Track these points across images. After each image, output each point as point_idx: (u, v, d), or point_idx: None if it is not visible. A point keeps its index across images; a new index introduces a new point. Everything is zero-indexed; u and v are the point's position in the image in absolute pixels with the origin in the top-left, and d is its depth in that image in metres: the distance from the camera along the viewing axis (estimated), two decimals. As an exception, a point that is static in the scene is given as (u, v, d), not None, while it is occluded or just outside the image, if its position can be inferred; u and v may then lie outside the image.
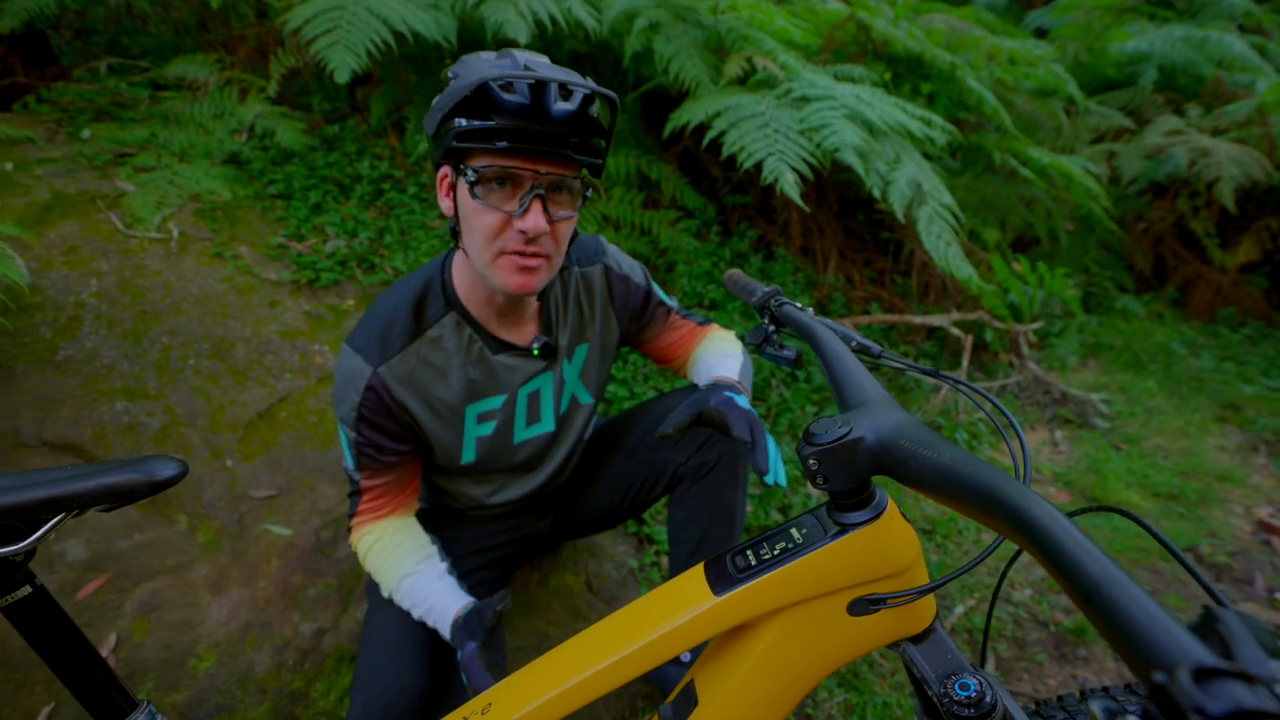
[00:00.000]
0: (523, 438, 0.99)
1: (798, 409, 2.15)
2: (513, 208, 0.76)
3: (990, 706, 0.46)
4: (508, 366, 0.94)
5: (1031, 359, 2.67)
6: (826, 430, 0.47)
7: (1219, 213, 3.17)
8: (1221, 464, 2.19)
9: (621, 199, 2.50)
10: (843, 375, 0.57)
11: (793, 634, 0.51)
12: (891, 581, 0.50)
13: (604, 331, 1.03)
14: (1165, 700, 0.19)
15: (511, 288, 0.81)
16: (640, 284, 1.05)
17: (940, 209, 2.23)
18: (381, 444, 0.90)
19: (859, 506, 0.50)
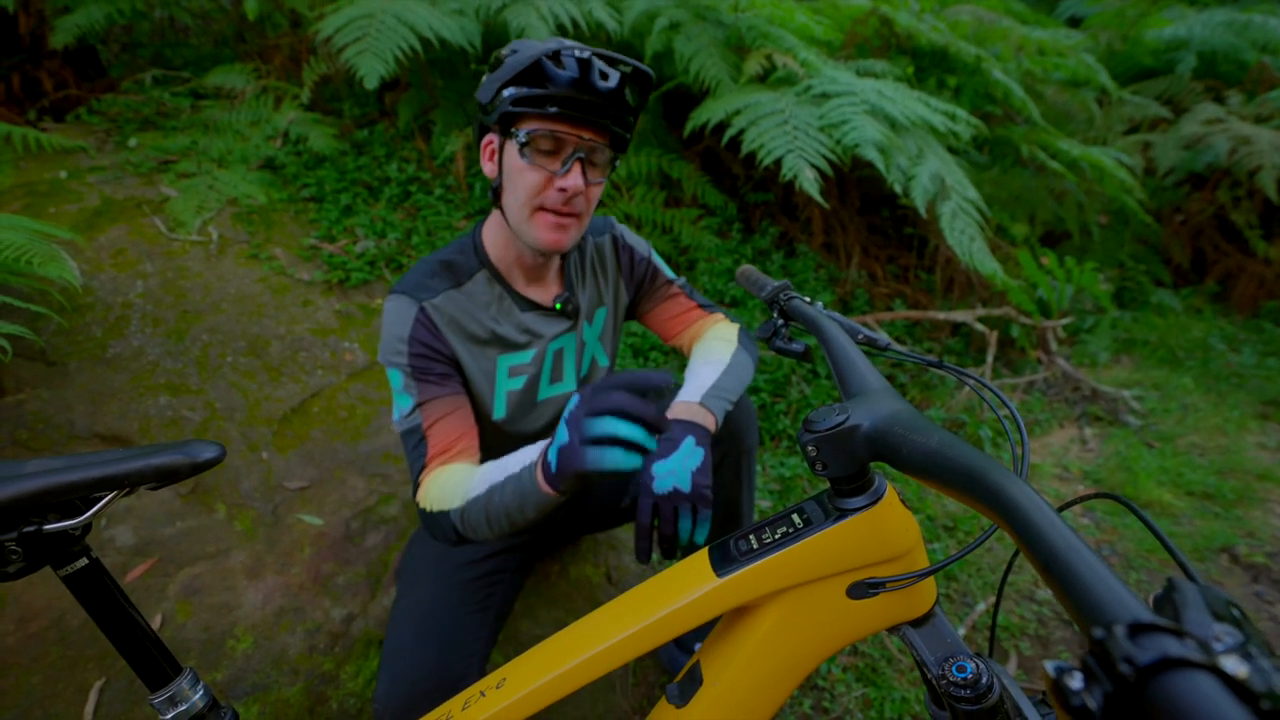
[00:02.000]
0: (546, 395, 1.03)
1: (818, 404, 2.15)
2: (556, 167, 0.84)
3: (987, 688, 0.47)
4: (535, 323, 0.99)
5: (1060, 355, 2.62)
6: (824, 418, 0.49)
7: (1262, 203, 3.06)
8: (1261, 462, 2.12)
9: (643, 198, 2.52)
10: (845, 365, 0.58)
11: (794, 616, 0.52)
12: (891, 566, 0.51)
13: (616, 297, 1.09)
14: (1101, 653, 0.21)
15: (545, 243, 0.88)
16: (643, 255, 1.10)
17: (964, 204, 2.20)
18: (434, 368, 0.91)
19: (858, 492, 0.51)
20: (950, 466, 0.36)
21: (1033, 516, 0.28)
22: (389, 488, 1.53)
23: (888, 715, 1.28)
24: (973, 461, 0.35)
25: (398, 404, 0.91)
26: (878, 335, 0.70)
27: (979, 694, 0.47)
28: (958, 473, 0.35)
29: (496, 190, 0.91)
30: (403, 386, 0.90)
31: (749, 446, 1.11)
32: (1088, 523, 1.85)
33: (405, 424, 0.89)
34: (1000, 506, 0.31)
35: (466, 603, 1.01)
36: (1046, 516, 0.28)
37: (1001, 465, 0.34)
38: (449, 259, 0.97)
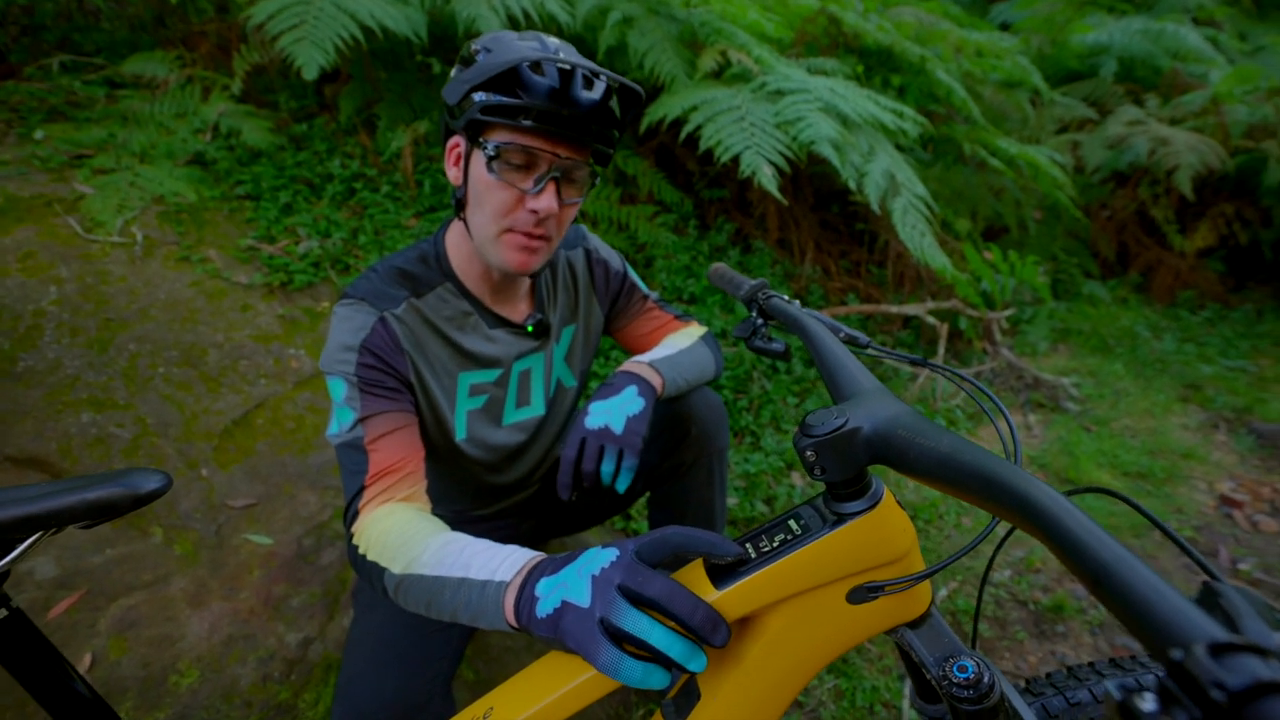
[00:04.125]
0: (512, 419, 0.98)
1: (779, 400, 2.17)
2: (528, 186, 0.78)
3: (989, 687, 0.47)
4: (503, 342, 0.94)
5: (1004, 345, 2.73)
6: (823, 422, 0.48)
7: (1178, 200, 3.27)
8: (1185, 442, 2.26)
9: (598, 194, 2.49)
10: (835, 366, 0.57)
11: (794, 624, 0.51)
12: (889, 569, 0.51)
13: (588, 315, 1.05)
14: (1183, 676, 0.20)
15: (512, 265, 0.82)
16: (618, 269, 1.06)
17: (914, 200, 2.26)
18: (385, 381, 0.83)
19: (856, 496, 0.51)
20: (967, 472, 0.36)
21: (1073, 529, 0.27)
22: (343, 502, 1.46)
23: (859, 704, 1.31)
24: (995, 469, 0.34)
25: (337, 416, 0.81)
26: (858, 334, 0.70)
27: (981, 694, 0.47)
28: (977, 479, 0.35)
29: (460, 200, 0.84)
30: (344, 398, 0.81)
31: (721, 447, 1.10)
32: (1035, 506, 1.94)
33: (345, 437, 0.80)
34: (1032, 516, 0.30)
35: (429, 622, 0.96)
36: (1088, 529, 0.27)
37: (1022, 470, 0.33)
38: (407, 269, 0.90)
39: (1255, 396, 2.54)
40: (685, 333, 1.09)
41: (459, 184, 0.83)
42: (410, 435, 0.84)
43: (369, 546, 0.80)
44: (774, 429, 2.08)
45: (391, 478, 0.80)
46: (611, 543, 0.54)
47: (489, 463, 1.01)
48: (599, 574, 0.49)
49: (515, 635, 1.29)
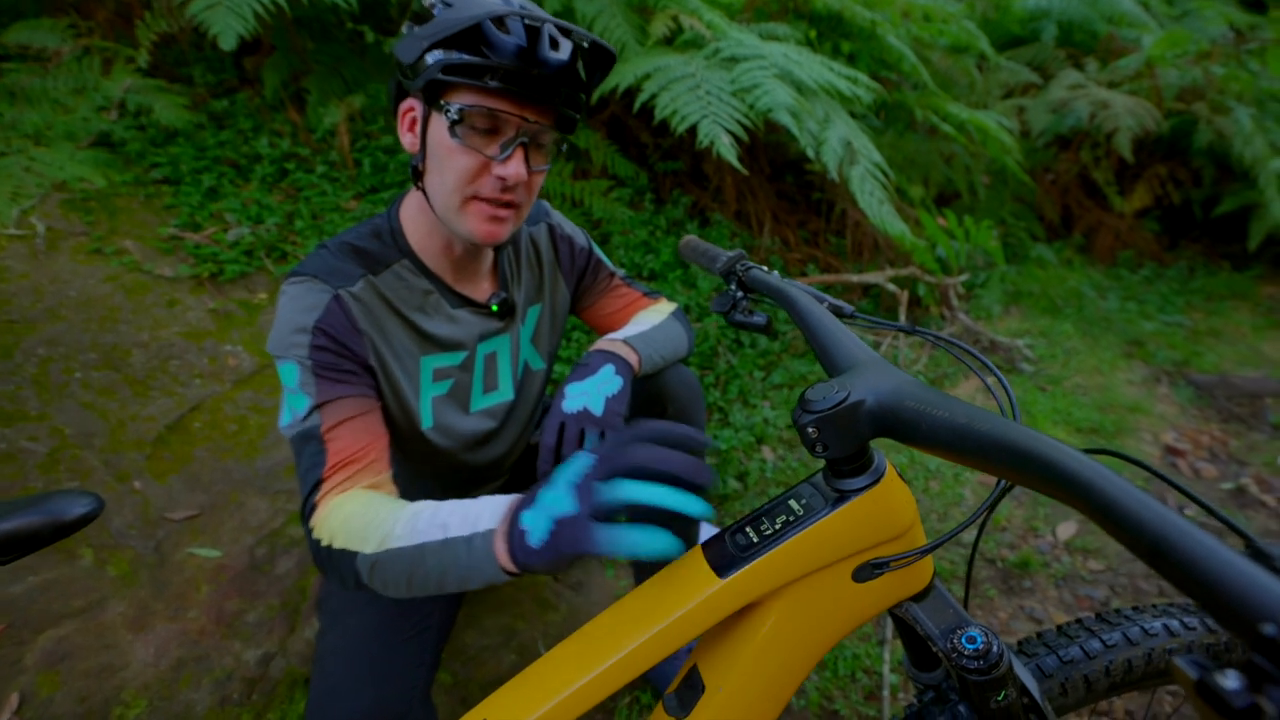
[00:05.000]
0: (480, 405, 0.95)
1: (745, 375, 2.18)
2: (494, 152, 0.74)
3: (998, 657, 0.47)
4: (467, 322, 0.90)
5: (961, 310, 2.81)
6: (824, 396, 0.46)
7: (1117, 162, 3.41)
8: (1131, 396, 2.39)
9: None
10: (826, 338, 0.56)
11: (799, 607, 0.50)
12: (894, 544, 0.51)
13: (554, 295, 1.02)
14: (1276, 652, 0.19)
15: (479, 236, 0.79)
16: (583, 246, 1.04)
17: (871, 167, 2.28)
18: (342, 364, 0.78)
19: (858, 472, 0.50)
20: (993, 444, 0.35)
21: (1123, 501, 0.27)
22: (297, 505, 1.39)
23: (841, 673, 1.33)
24: (1023, 439, 0.33)
25: (289, 404, 0.76)
26: (841, 303, 0.69)
27: (991, 664, 0.47)
28: (1004, 451, 0.34)
29: (417, 168, 0.79)
30: (298, 384, 0.75)
31: (698, 424, 1.10)
32: (997, 467, 2.01)
33: (299, 427, 0.75)
34: (1075, 490, 0.29)
35: (402, 628, 0.92)
36: (1139, 499, 0.26)
37: (1053, 439, 0.32)
38: (360, 245, 0.84)
39: (1191, 350, 2.69)
40: (655, 309, 1.07)
41: (415, 151, 0.78)
42: (372, 421, 0.79)
43: (333, 535, 0.74)
44: (742, 404, 2.09)
45: (353, 467, 0.75)
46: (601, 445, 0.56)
47: (458, 451, 0.98)
48: (579, 481, 0.50)
49: (490, 634, 1.27)
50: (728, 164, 2.57)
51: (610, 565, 1.47)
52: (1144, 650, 0.61)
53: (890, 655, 1.33)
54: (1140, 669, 0.60)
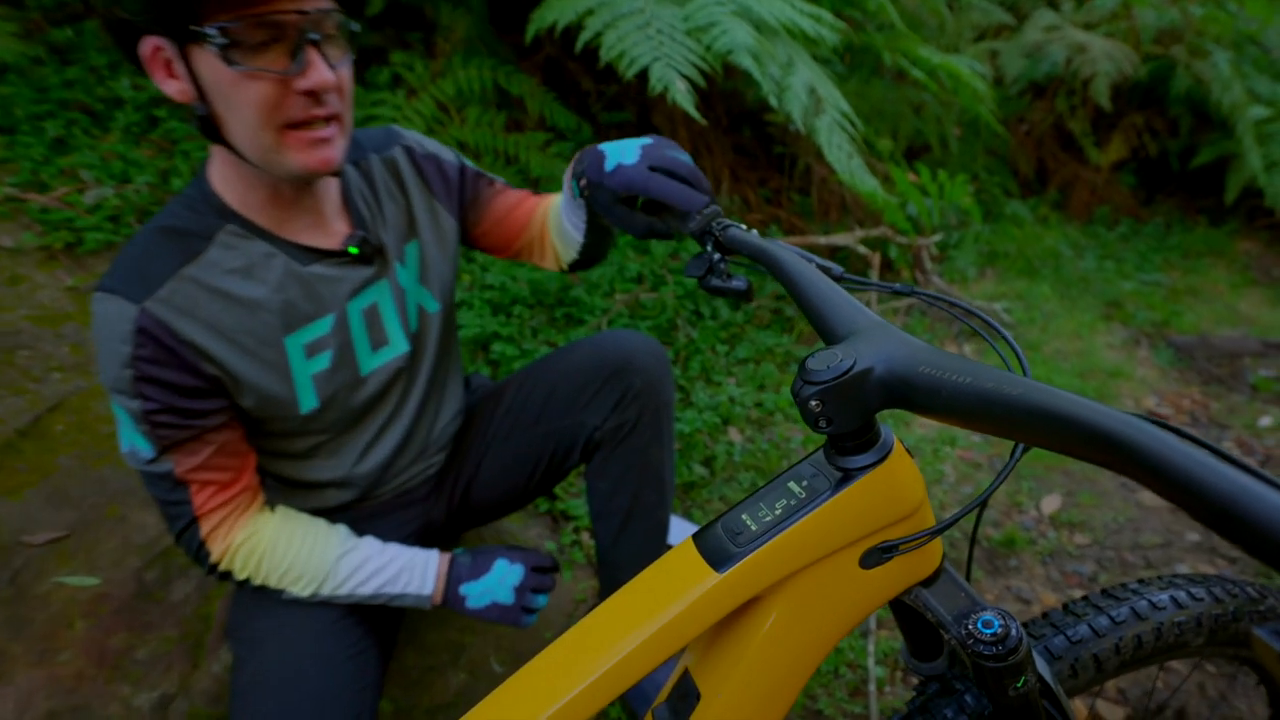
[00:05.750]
0: (372, 366, 0.92)
1: (708, 349, 2.20)
2: (285, 65, 0.69)
3: (1017, 641, 0.49)
4: (326, 278, 0.86)
5: (935, 273, 2.90)
6: (827, 365, 0.46)
7: (1094, 111, 3.56)
8: (1112, 360, 2.53)
9: (479, 121, 2.36)
10: (822, 303, 0.56)
11: (804, 600, 0.51)
12: (902, 525, 0.51)
13: (435, 225, 0.99)
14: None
15: (312, 166, 0.75)
16: (452, 161, 1.01)
17: (839, 117, 2.31)
18: (180, 405, 0.77)
19: (864, 448, 0.50)
20: (1026, 410, 0.35)
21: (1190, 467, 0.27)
22: (195, 518, 1.32)
23: (823, 669, 1.38)
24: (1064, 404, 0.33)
25: (128, 438, 0.78)
26: (830, 263, 0.70)
27: (1010, 649, 0.49)
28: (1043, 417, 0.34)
29: (206, 118, 0.72)
30: (134, 426, 0.77)
31: (666, 400, 1.10)
32: (978, 439, 2.10)
33: (145, 467, 0.79)
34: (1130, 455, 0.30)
35: (340, 648, 0.90)
36: (1209, 465, 0.27)
37: (1098, 404, 0.33)
38: (174, 225, 0.79)
39: (1170, 310, 2.86)
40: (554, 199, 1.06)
41: (192, 99, 0.71)
42: (234, 447, 0.84)
43: (251, 572, 0.87)
44: (705, 381, 2.11)
45: (228, 506, 0.83)
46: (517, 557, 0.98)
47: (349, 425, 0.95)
48: (519, 585, 0.96)
49: (435, 652, 1.24)
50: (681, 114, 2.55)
51: (568, 567, 1.47)
52: (1153, 625, 0.64)
53: (875, 648, 1.38)
54: (1150, 644, 0.64)
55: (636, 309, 2.20)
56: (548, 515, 1.58)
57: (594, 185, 0.80)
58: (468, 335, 1.86)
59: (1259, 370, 2.38)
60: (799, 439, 1.96)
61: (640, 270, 2.26)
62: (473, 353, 1.88)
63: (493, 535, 1.45)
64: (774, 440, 1.94)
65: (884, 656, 1.38)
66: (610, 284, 2.23)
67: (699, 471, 1.79)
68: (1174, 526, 1.75)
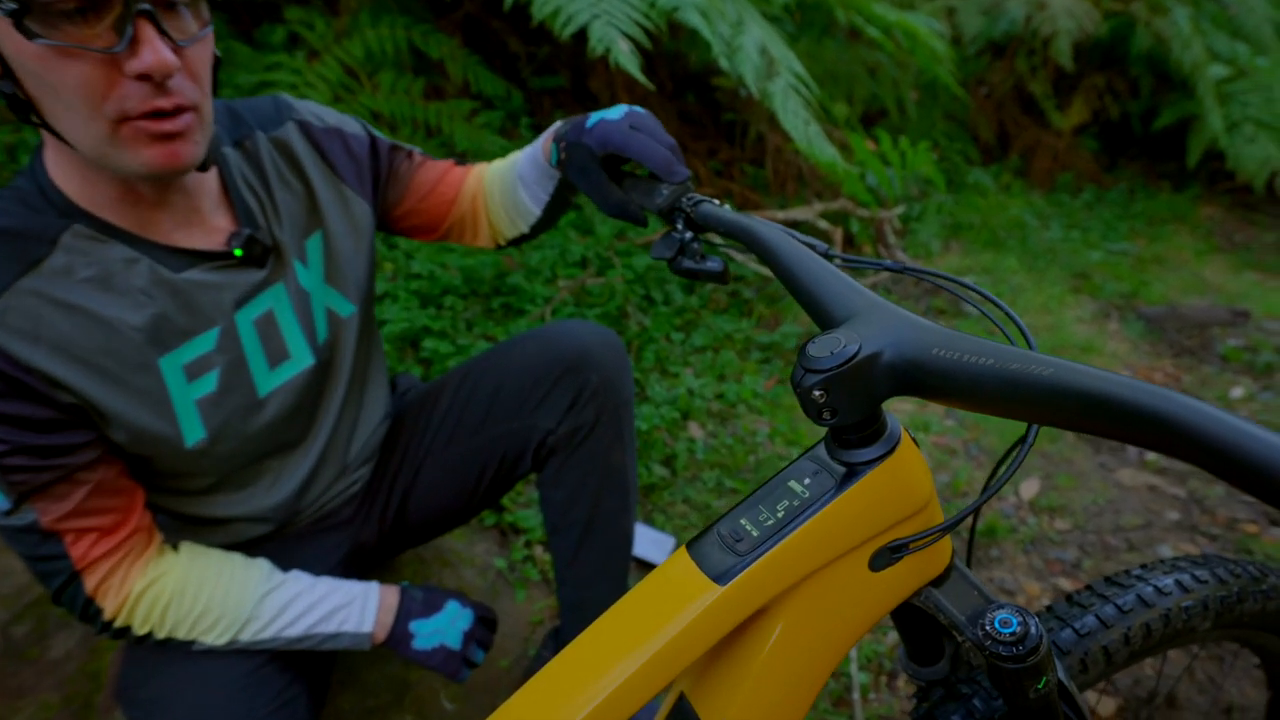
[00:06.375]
0: (272, 385, 0.86)
1: (662, 338, 2.20)
2: (111, 42, 0.61)
3: (1038, 639, 0.50)
4: (205, 285, 0.79)
5: (898, 247, 2.98)
6: (831, 351, 0.46)
7: (1054, 72, 3.72)
8: (1082, 335, 2.65)
9: (393, 87, 2.29)
10: (815, 283, 0.56)
11: (811, 609, 0.51)
12: (913, 521, 0.52)
13: (344, 213, 0.93)
14: None
15: (158, 166, 0.67)
16: (358, 134, 0.95)
17: (794, 81, 2.34)
18: (34, 443, 0.69)
19: (870, 440, 0.50)
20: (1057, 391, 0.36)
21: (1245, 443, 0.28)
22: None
23: (805, 681, 1.40)
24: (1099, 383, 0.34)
25: None
26: (813, 240, 0.70)
27: (1031, 648, 0.50)
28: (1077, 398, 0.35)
29: (17, 100, 0.64)
30: None
31: (627, 397, 1.10)
32: (952, 423, 2.17)
33: (4, 521, 0.71)
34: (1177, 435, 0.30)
35: (260, 702, 0.86)
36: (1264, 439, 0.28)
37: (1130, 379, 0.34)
38: (3, 225, 0.70)
39: (1138, 280, 3.02)
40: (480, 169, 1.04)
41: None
42: (113, 484, 0.77)
43: (156, 623, 0.82)
44: (660, 373, 2.11)
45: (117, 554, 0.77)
46: (468, 602, 0.99)
47: (271, 454, 0.91)
48: (467, 630, 0.97)
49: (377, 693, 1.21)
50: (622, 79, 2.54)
51: (521, 586, 1.45)
52: (1160, 611, 0.68)
53: (858, 653, 1.41)
54: (1159, 632, 0.67)
55: (582, 296, 2.19)
56: (495, 529, 1.56)
57: (572, 145, 0.79)
58: (393, 331, 1.81)
59: (1227, 340, 2.54)
60: (765, 431, 1.99)
61: (584, 253, 2.25)
62: (400, 350, 1.83)
63: (434, 556, 1.42)
64: (738, 434, 1.96)
65: (867, 661, 1.42)
66: (552, 269, 2.20)
67: (659, 472, 1.79)
68: (1153, 505, 1.85)
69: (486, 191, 1.01)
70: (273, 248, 0.85)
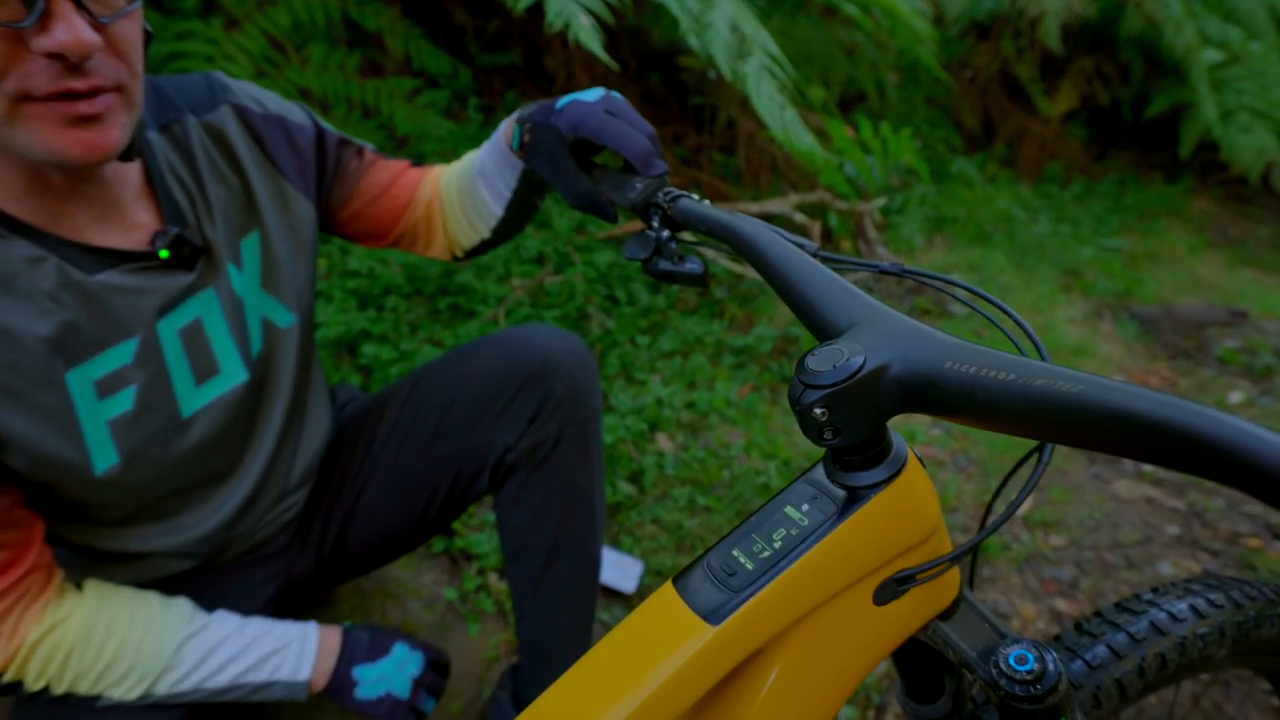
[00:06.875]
0: (198, 404, 0.84)
1: (626, 342, 2.20)
2: (14, 15, 0.59)
3: (1056, 678, 0.50)
4: (124, 290, 0.76)
5: (879, 243, 3.02)
6: (833, 364, 0.46)
7: (1042, 55, 3.81)
8: (1074, 337, 2.72)
9: (325, 63, 2.25)
10: (810, 288, 0.56)
11: (811, 649, 0.50)
12: (920, 550, 0.52)
13: (283, 211, 0.91)
14: None
15: (73, 155, 0.65)
16: (303, 123, 0.94)
17: (768, 61, 2.35)
18: None
19: (875, 461, 0.50)
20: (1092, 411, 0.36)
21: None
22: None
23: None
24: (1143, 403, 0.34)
25: None
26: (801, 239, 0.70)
27: (1049, 688, 0.50)
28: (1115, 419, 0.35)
29: None
30: None
31: (594, 409, 1.09)
32: (939, 433, 2.21)
33: None
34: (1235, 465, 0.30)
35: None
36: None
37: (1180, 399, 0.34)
38: None
39: (1131, 278, 3.11)
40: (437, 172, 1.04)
41: None
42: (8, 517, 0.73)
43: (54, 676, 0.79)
44: (625, 380, 2.10)
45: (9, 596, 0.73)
46: (417, 644, 0.99)
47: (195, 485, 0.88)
48: (417, 676, 0.96)
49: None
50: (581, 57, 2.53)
51: (474, 619, 1.43)
52: (1175, 639, 0.69)
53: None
54: (1175, 662, 0.68)
55: (539, 296, 2.17)
56: (444, 556, 1.53)
57: (538, 127, 0.78)
58: (328, 335, 1.77)
59: (1224, 341, 2.63)
60: (740, 443, 1.99)
61: (541, 249, 2.23)
62: (335, 357, 1.79)
63: (375, 587, 1.39)
64: (711, 447, 1.96)
65: (854, 695, 1.43)
66: (505, 266, 2.18)
67: (625, 490, 1.79)
68: (1151, 519, 1.90)
69: (443, 195, 1.00)
70: (203, 249, 0.82)
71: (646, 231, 0.76)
